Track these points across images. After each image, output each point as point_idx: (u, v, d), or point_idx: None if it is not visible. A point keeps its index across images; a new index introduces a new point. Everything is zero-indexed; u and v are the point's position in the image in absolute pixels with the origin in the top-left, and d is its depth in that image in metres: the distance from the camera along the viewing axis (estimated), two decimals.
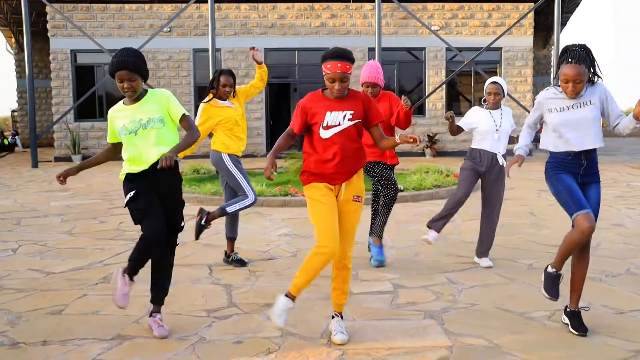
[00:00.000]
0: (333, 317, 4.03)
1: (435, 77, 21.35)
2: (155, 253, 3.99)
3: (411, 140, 3.66)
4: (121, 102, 4.11)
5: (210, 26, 18.28)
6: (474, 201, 6.81)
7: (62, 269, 5.87)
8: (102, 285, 5.27)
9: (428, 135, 20.91)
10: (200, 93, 20.95)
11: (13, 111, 34.31)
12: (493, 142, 5.70)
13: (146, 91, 4.03)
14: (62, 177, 4.13)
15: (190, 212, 9.40)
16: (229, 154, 5.74)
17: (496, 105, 5.78)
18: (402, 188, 10.63)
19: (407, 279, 5.41)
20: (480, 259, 5.90)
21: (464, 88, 22.27)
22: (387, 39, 20.35)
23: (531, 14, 21.08)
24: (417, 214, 8.98)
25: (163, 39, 20.52)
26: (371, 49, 20.53)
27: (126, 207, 4.00)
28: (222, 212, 5.64)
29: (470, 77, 21.74)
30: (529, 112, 20.19)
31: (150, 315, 4.13)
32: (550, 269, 4.12)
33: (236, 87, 5.96)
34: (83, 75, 20.93)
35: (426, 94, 20.90)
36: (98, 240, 7.22)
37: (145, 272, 4.17)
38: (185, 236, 7.17)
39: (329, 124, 3.76)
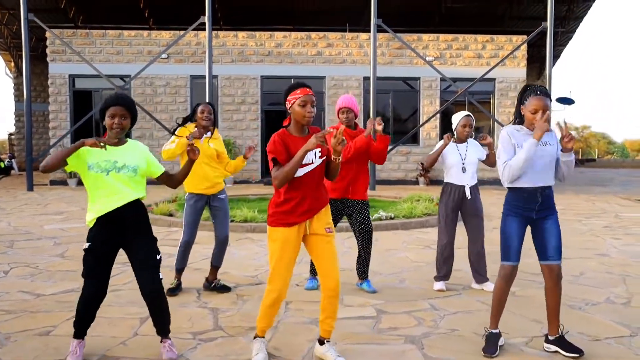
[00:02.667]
0: (323, 343, 4.06)
1: (429, 106, 21.62)
2: (93, 311, 4.02)
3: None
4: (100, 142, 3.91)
5: (207, 53, 18.55)
6: (463, 231, 6.93)
7: (53, 291, 5.96)
8: None
9: (421, 164, 21.10)
10: None
11: (10, 134, 34.49)
12: (460, 175, 5.91)
13: (127, 140, 4.10)
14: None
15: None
16: (189, 192, 5.80)
17: (466, 139, 6.00)
18: (392, 216, 10.75)
19: (391, 304, 5.52)
20: (484, 284, 6.06)
21: None
22: (382, 68, 20.65)
23: (524, 46, 21.43)
24: (406, 242, 9.09)
25: (161, 65, 20.80)
26: (366, 78, 20.82)
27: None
28: (177, 271, 5.87)
29: (464, 107, 21.99)
30: None
31: (161, 341, 4.17)
32: (486, 330, 4.35)
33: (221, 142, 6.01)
34: (81, 100, 21.16)
35: (420, 123, 21.14)
36: None
37: (134, 294, 4.26)
38: (174, 261, 7.26)
39: (303, 162, 3.81)
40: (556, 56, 28.08)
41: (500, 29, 25.92)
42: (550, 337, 4.29)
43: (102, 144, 3.73)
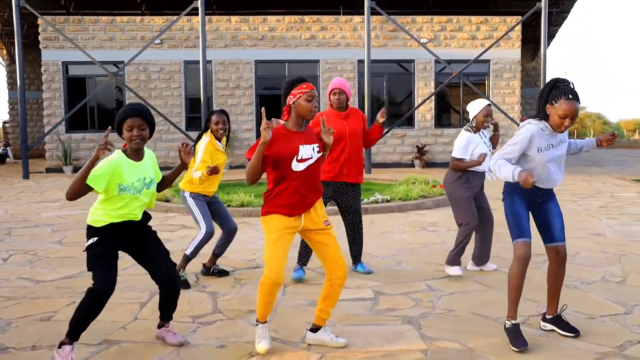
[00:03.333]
0: (316, 330, 4.08)
1: (424, 88, 21.60)
2: (102, 307, 3.71)
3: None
4: (121, 152, 3.83)
5: (201, 38, 18.48)
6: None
7: (52, 277, 5.99)
8: None
9: (417, 147, 21.14)
10: (191, 105, 21.11)
11: (4, 122, 34.40)
12: (486, 162, 5.85)
13: (144, 150, 3.96)
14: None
15: (180, 222, 9.53)
16: (191, 192, 5.72)
17: (485, 128, 5.92)
18: (388, 198, 10.79)
19: (388, 286, 5.56)
20: (485, 265, 6.10)
21: (452, 100, 22.52)
22: (376, 51, 20.60)
23: (519, 27, 21.39)
24: (403, 224, 9.14)
25: (154, 50, 20.71)
26: (361, 61, 20.78)
27: (85, 252, 3.81)
28: (186, 260, 5.67)
29: (459, 89, 22.00)
30: (517, 124, 20.48)
31: (160, 327, 4.17)
32: (508, 324, 4.10)
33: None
34: (75, 87, 21.06)
35: (415, 106, 21.13)
36: None
37: (132, 279, 4.28)
38: (173, 246, 7.31)
39: (303, 157, 3.84)
40: (551, 36, 28.03)
41: (495, 10, 25.86)
42: (548, 316, 4.33)
43: (106, 146, 3.54)
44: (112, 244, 3.82)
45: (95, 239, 3.78)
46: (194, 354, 3.93)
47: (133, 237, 3.94)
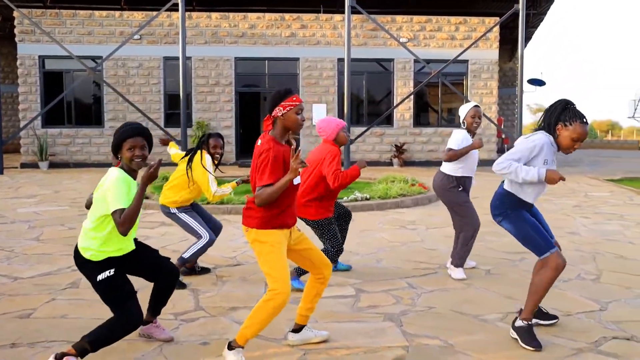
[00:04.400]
0: (299, 330, 4.08)
1: (403, 87, 21.71)
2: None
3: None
4: (122, 172, 3.66)
5: (180, 34, 18.37)
6: (439, 211, 7.03)
7: (30, 274, 5.94)
8: (71, 290, 5.36)
9: (396, 145, 21.24)
10: (170, 101, 21.00)
11: None
12: (474, 166, 5.94)
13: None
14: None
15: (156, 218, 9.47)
16: (178, 207, 5.72)
17: (475, 130, 5.97)
18: (367, 197, 10.86)
19: (369, 284, 5.61)
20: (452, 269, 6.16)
21: (431, 99, 22.66)
22: (356, 49, 20.65)
23: (497, 28, 21.60)
24: (382, 222, 9.20)
25: (133, 46, 20.55)
26: (340, 60, 20.82)
27: (100, 283, 3.66)
28: (182, 262, 5.63)
29: (438, 89, 22.15)
30: (494, 123, 20.72)
31: (146, 324, 4.15)
32: (522, 323, 4.11)
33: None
34: (51, 82, 20.81)
35: (394, 105, 21.23)
36: (66, 246, 7.28)
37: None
38: (152, 243, 7.29)
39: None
40: (528, 38, 28.32)
41: (473, 10, 26.06)
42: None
43: (157, 166, 3.46)
44: (121, 272, 3.73)
45: (111, 271, 3.65)
46: (177, 351, 3.94)
47: (130, 260, 3.86)
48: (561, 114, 3.95)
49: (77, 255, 3.71)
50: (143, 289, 5.14)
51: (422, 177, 15.77)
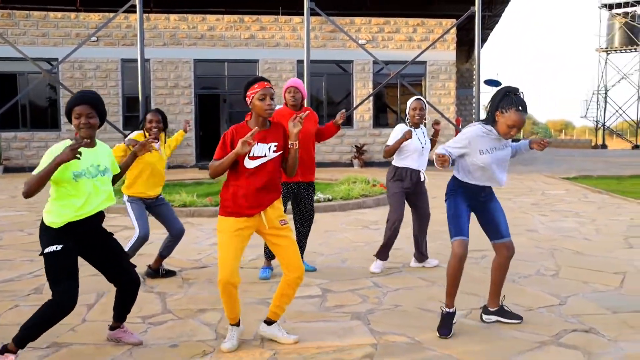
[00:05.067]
0: (270, 323, 4.18)
1: (362, 89, 21.89)
2: (58, 321, 3.65)
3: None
4: (69, 140, 3.70)
5: (139, 36, 18.19)
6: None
7: None
8: (34, 296, 5.29)
9: (356, 146, 21.40)
10: (129, 103, 20.76)
11: None
12: (418, 160, 6.06)
13: (96, 140, 3.91)
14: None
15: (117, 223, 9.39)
16: (128, 196, 5.74)
17: (419, 123, 6.12)
18: (330, 197, 10.93)
19: (335, 283, 5.68)
20: (426, 262, 6.31)
21: (390, 100, 22.91)
22: (315, 51, 20.74)
23: (454, 30, 21.96)
24: (345, 223, 9.29)
25: (90, 48, 20.24)
26: (300, 61, 20.88)
27: (42, 256, 3.70)
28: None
29: (397, 90, 22.39)
30: (452, 123, 21.06)
31: (113, 329, 4.14)
32: (443, 311, 4.35)
33: (166, 132, 5.93)
34: (4, 84, 20.34)
35: (354, 106, 21.40)
36: (26, 252, 7.16)
37: (85, 282, 4.24)
38: None
39: (254, 155, 3.91)
40: (484, 39, 28.84)
41: (430, 12, 26.42)
42: (492, 309, 4.54)
43: (80, 144, 3.48)
44: (72, 250, 3.71)
45: (58, 247, 3.66)
46: (146, 354, 3.94)
47: (91, 237, 3.86)
48: (500, 101, 4.13)
49: (41, 224, 3.78)
50: (108, 292, 5.11)
51: (383, 178, 15.90)
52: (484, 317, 4.58)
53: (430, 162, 5.49)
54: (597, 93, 43.74)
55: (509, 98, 4.08)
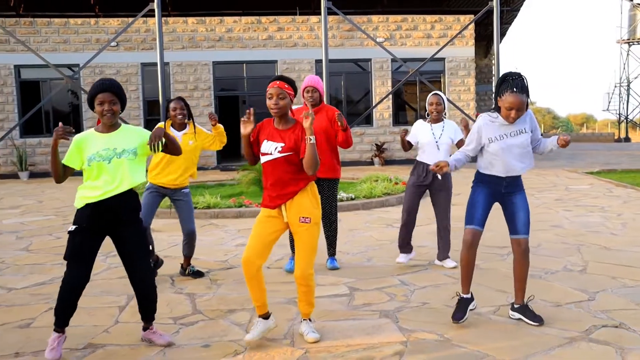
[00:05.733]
0: (301, 321, 4.29)
1: (381, 87, 21.88)
2: (76, 297, 3.95)
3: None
4: (92, 129, 4.09)
5: (158, 40, 18.36)
6: (423, 208, 7.14)
7: (24, 284, 5.94)
8: None
9: (376, 145, 21.39)
10: (150, 107, 20.95)
11: None
12: (433, 154, 6.10)
13: (120, 124, 4.11)
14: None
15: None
16: (149, 181, 5.85)
17: (438, 118, 6.15)
18: (352, 196, 10.96)
19: (362, 282, 5.71)
20: (444, 261, 6.28)
21: (409, 97, 22.87)
22: (333, 50, 20.77)
23: (472, 26, 21.86)
24: (369, 221, 9.31)
25: (110, 53, 20.45)
26: (318, 61, 20.92)
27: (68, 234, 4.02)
28: None
29: (416, 87, 22.35)
30: (472, 120, 20.93)
31: (145, 329, 4.23)
32: (458, 296, 4.53)
33: (198, 126, 5.96)
34: (28, 91, 20.64)
35: (373, 104, 21.40)
36: (56, 255, 7.27)
37: (106, 284, 4.33)
38: None
39: (264, 151, 4.08)
40: (502, 34, 28.62)
41: (448, 9, 26.33)
42: (516, 305, 4.55)
43: (68, 131, 3.85)
44: (85, 233, 3.93)
45: (74, 227, 3.94)
46: (179, 354, 4.00)
47: (111, 222, 3.99)
48: (499, 87, 4.25)
49: None
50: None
51: (405, 176, 15.91)
52: (510, 313, 4.59)
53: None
54: (619, 85, 43.19)
55: (506, 82, 4.20)
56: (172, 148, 4.23)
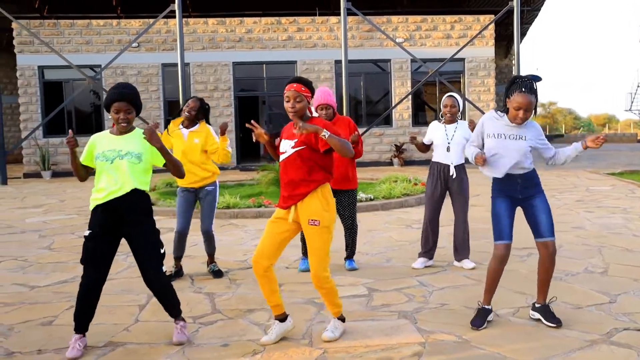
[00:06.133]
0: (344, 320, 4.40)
1: (401, 87, 21.83)
2: (92, 301, 4.11)
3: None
4: (107, 130, 4.26)
5: (178, 41, 18.46)
6: (443, 209, 7.11)
7: (47, 282, 6.03)
8: None
9: (395, 145, 21.35)
10: (170, 107, 21.12)
11: None
12: (445, 154, 6.13)
13: (134, 128, 4.21)
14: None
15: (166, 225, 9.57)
16: (179, 185, 6.06)
17: (452, 119, 6.17)
18: (371, 197, 10.96)
19: (380, 283, 5.71)
20: (462, 262, 6.26)
21: (429, 98, 22.79)
22: (353, 51, 20.76)
23: (492, 26, 21.73)
24: (388, 222, 9.30)
25: (132, 54, 20.64)
26: (338, 62, 20.93)
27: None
28: (175, 258, 6.17)
29: (435, 87, 22.28)
30: None
31: (175, 322, 4.33)
32: (479, 305, 4.53)
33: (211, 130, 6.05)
34: (51, 91, 20.91)
35: (393, 105, 21.35)
36: (78, 254, 7.26)
37: (127, 282, 4.37)
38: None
39: (281, 150, 4.16)
40: (523, 34, 28.45)
41: (468, 9, 26.20)
42: (537, 305, 4.52)
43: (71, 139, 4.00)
44: (97, 237, 4.04)
45: (88, 232, 4.07)
46: (199, 353, 4.04)
47: (117, 223, 4.07)
48: (508, 89, 4.27)
49: None
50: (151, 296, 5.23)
51: (424, 176, 15.86)
52: (530, 312, 4.57)
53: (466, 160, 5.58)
54: None
55: (515, 83, 4.21)
56: (170, 167, 4.23)
